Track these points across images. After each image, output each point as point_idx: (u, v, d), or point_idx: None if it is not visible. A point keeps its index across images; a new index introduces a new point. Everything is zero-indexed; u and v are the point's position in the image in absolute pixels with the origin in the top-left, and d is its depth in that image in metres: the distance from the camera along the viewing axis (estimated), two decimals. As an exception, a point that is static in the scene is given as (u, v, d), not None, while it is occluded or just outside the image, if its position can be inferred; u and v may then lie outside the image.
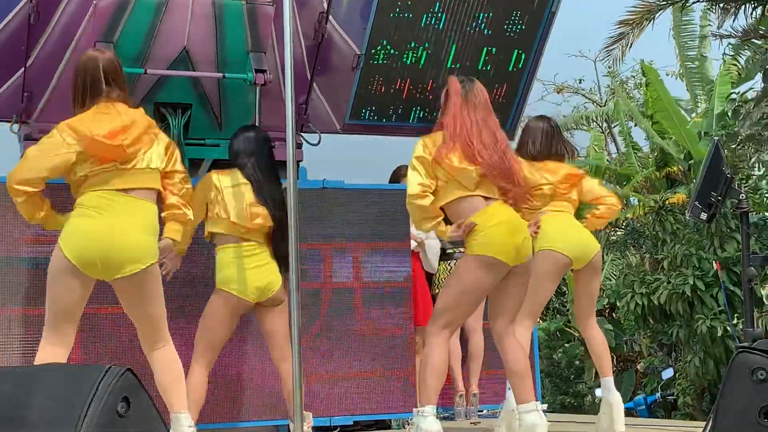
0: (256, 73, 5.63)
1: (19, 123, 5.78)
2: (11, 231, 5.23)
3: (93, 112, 4.39)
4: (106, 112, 4.38)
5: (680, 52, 16.25)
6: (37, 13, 5.44)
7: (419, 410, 4.52)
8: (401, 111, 6.44)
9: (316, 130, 6.25)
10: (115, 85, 4.46)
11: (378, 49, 6.19)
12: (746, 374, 3.55)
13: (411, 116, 6.48)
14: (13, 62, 5.60)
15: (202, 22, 5.54)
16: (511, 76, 6.56)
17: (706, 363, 11.46)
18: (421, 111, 6.46)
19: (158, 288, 4.39)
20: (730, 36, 12.74)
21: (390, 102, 6.39)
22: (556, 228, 5.26)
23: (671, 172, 15.15)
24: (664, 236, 12.71)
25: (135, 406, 2.94)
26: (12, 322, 5.17)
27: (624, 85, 20.92)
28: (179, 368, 4.48)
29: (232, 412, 5.50)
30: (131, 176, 4.36)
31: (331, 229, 5.80)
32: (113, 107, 4.41)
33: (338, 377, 5.73)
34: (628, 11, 12.90)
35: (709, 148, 5.86)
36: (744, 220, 5.55)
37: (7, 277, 5.19)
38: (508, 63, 6.51)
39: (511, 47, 6.46)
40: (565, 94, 21.90)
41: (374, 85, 6.30)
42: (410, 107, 6.43)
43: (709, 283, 11.56)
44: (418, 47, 6.27)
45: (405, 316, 5.92)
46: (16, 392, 2.88)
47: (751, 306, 5.37)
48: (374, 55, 6.19)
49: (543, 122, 5.54)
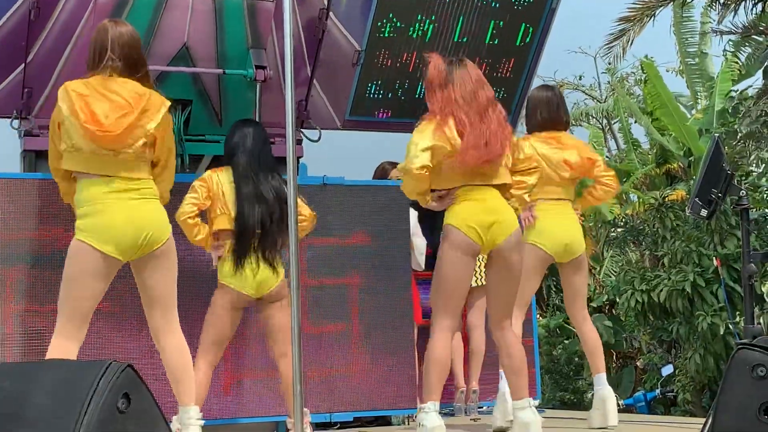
0: (257, 70, 5.64)
1: (19, 119, 5.79)
2: (12, 227, 5.22)
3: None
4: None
5: (681, 49, 16.24)
6: (38, 9, 5.44)
7: (421, 407, 4.54)
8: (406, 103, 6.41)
9: (317, 126, 6.24)
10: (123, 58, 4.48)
11: (384, 21, 6.16)
12: (746, 371, 3.54)
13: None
14: (13, 58, 5.60)
15: (202, 18, 5.54)
16: (518, 50, 6.51)
17: (706, 359, 11.46)
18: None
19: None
20: (731, 32, 12.73)
21: (396, 77, 6.34)
22: (544, 222, 5.32)
23: (671, 169, 15.15)
24: (664, 233, 12.69)
25: (135, 402, 2.94)
26: (14, 318, 5.17)
27: (624, 81, 20.91)
28: (187, 360, 4.51)
29: (232, 407, 5.50)
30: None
31: (331, 225, 5.79)
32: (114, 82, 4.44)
33: (338, 373, 5.73)
34: (629, 8, 12.89)
35: (709, 145, 5.86)
36: (744, 217, 5.55)
37: (8, 272, 5.19)
38: (516, 37, 6.46)
39: (519, 21, 6.41)
40: (565, 91, 21.89)
41: (380, 59, 6.26)
42: (414, 107, 6.41)
43: (709, 280, 11.55)
44: (424, 20, 6.24)
45: (405, 311, 5.92)
46: (16, 388, 2.88)
47: (751, 303, 5.37)
48: (380, 28, 6.16)
49: (548, 91, 5.60)
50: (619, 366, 15.39)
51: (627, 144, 16.57)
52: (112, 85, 4.43)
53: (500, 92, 6.48)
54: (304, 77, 6.17)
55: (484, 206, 4.61)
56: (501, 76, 6.54)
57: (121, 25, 4.58)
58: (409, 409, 5.99)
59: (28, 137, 5.79)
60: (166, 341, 4.47)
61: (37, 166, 5.78)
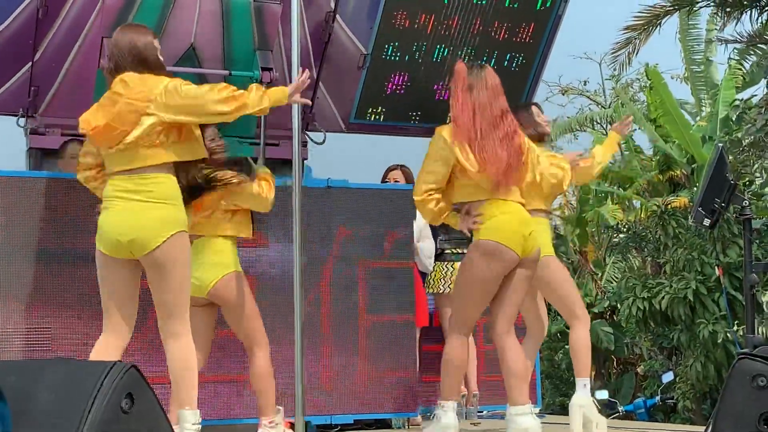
0: (263, 71, 5.64)
1: (25, 117, 5.81)
2: (18, 224, 5.24)
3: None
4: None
5: (686, 56, 16.23)
6: (45, 8, 5.46)
7: (441, 404, 4.69)
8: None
9: (322, 129, 6.26)
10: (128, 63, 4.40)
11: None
12: (747, 381, 3.56)
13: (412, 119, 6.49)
14: (20, 56, 5.63)
15: (209, 19, 5.56)
16: (539, 15, 6.42)
17: (706, 367, 11.46)
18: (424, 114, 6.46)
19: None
20: (736, 41, 12.73)
21: (413, 38, 6.23)
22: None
23: (674, 176, 15.14)
24: (666, 240, 12.70)
25: (139, 402, 2.95)
26: (20, 315, 5.18)
27: (628, 88, 20.90)
28: (184, 365, 4.44)
29: (234, 409, 5.51)
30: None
31: (335, 228, 5.81)
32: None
33: (339, 376, 5.74)
34: (635, 16, 12.88)
35: (712, 154, 5.86)
36: (747, 226, 5.54)
37: (14, 269, 5.20)
38: (536, 1, 6.38)
39: None
40: (570, 96, 21.89)
41: (398, 20, 6.18)
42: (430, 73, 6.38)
43: (711, 288, 11.56)
44: None
45: (407, 315, 5.93)
46: (21, 386, 2.89)
47: (752, 313, 5.37)
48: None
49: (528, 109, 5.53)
50: (619, 372, 15.40)
51: (630, 150, 16.57)
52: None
53: (519, 58, 6.44)
54: (310, 80, 6.18)
55: (519, 218, 4.64)
56: (520, 41, 6.45)
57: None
58: (409, 413, 6.00)
59: (34, 135, 5.82)
60: (167, 345, 4.45)
61: (43, 164, 5.80)
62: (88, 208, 4.78)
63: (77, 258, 5.22)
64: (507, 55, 6.43)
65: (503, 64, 6.36)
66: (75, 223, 5.27)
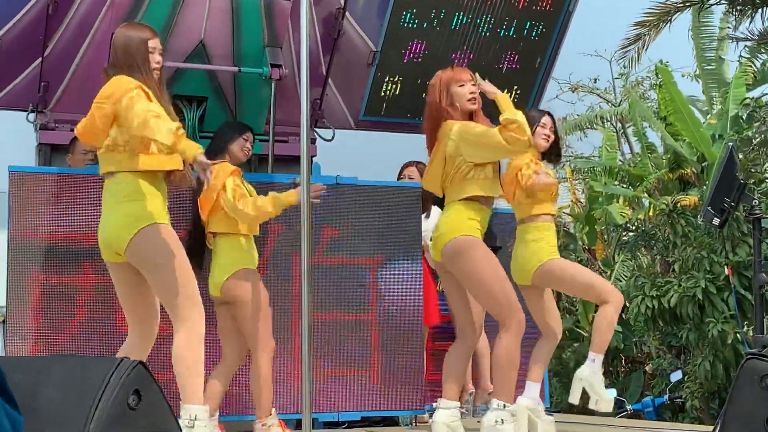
0: (272, 68, 5.65)
1: (35, 112, 5.82)
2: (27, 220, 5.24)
3: None
4: None
5: (698, 54, 16.16)
6: (56, 4, 5.48)
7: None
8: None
9: (330, 125, 6.25)
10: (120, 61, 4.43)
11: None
12: (755, 381, 3.54)
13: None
14: (30, 52, 5.65)
15: (219, 15, 5.57)
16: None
17: (715, 366, 11.42)
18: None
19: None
20: (747, 39, 12.67)
21: (433, 5, 6.20)
22: None
23: (684, 174, 15.08)
24: (676, 239, 12.65)
25: (146, 399, 2.95)
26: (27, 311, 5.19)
27: (638, 86, 20.84)
28: (179, 362, 4.35)
29: (239, 405, 5.51)
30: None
31: (343, 225, 5.80)
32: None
33: (346, 373, 5.73)
34: (645, 13, 12.83)
35: (722, 154, 5.85)
36: (756, 225, 5.52)
37: (23, 265, 5.21)
38: None
39: None
40: (580, 93, 21.82)
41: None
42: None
43: (720, 287, 11.51)
44: None
45: (416, 312, 5.93)
46: (27, 382, 2.90)
47: (761, 312, 5.35)
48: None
49: None
50: (627, 371, 15.35)
51: (641, 148, 16.51)
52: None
53: (539, 27, 6.43)
54: (319, 76, 6.18)
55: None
56: (541, 9, 6.43)
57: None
58: (416, 410, 6.00)
59: (44, 131, 5.83)
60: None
61: (53, 159, 5.81)
62: (97, 204, 4.78)
63: (86, 254, 5.22)
64: (527, 24, 6.43)
65: (522, 33, 6.34)
66: (83, 219, 5.27)
